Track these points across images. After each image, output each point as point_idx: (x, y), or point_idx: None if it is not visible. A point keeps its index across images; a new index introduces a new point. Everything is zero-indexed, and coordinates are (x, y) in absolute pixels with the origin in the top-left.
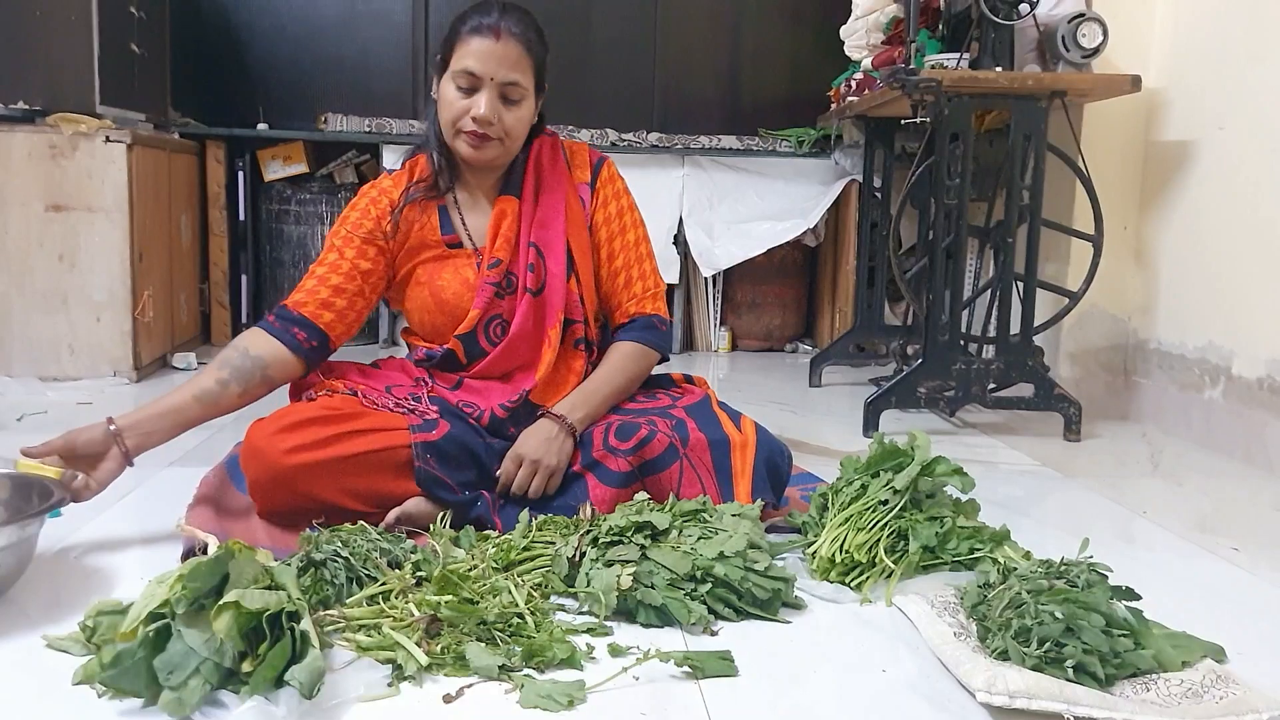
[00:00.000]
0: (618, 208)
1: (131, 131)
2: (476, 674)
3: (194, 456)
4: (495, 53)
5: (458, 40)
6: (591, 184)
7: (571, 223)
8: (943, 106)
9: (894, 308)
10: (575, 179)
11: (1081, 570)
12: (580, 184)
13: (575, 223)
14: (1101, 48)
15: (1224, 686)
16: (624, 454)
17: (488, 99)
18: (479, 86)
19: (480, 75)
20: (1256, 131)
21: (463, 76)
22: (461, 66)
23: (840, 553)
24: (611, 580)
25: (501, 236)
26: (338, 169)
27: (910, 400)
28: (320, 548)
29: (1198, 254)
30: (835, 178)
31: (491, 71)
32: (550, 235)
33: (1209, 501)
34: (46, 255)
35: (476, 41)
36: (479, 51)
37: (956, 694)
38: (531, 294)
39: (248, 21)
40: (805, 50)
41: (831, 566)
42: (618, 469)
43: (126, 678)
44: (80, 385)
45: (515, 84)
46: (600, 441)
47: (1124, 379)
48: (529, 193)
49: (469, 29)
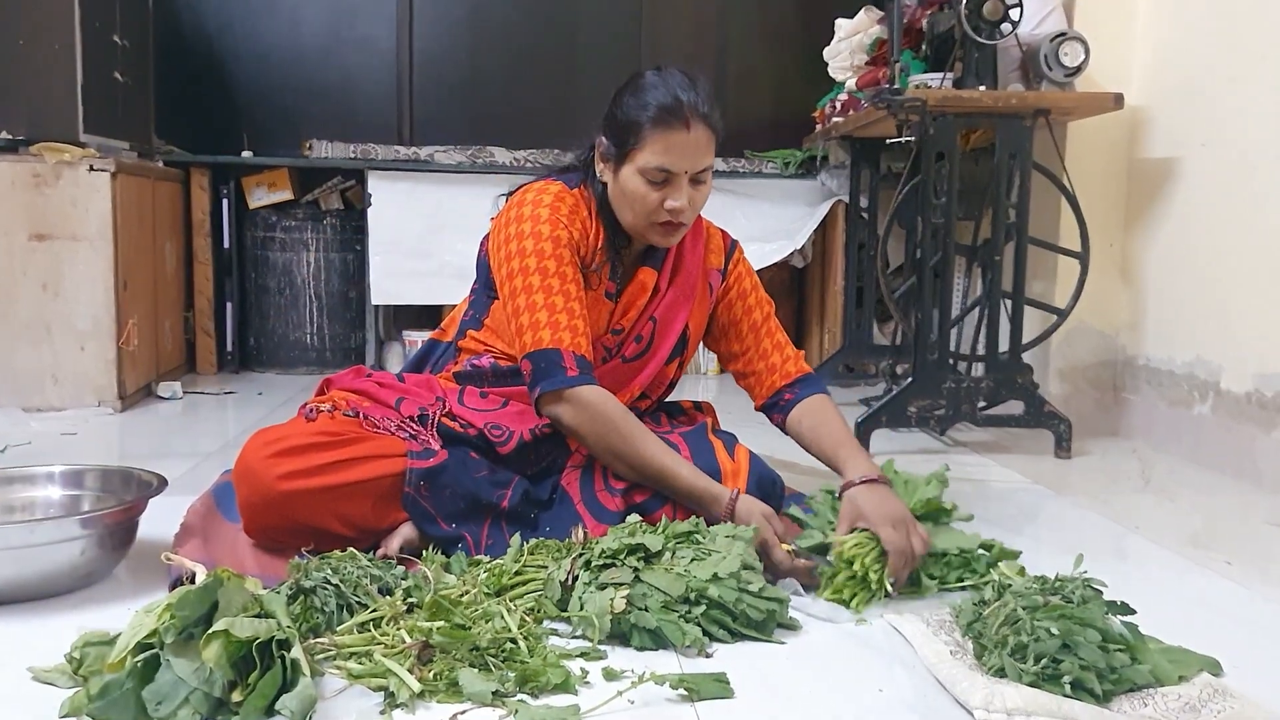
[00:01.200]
0: (752, 283)
1: (115, 160)
2: (470, 700)
3: (180, 485)
4: (689, 145)
5: (643, 134)
6: (723, 270)
7: (697, 307)
8: (928, 126)
9: (882, 328)
10: (708, 264)
11: (1077, 586)
12: (712, 269)
13: (700, 307)
14: (1084, 66)
15: (1221, 700)
16: (619, 493)
17: (685, 190)
18: (672, 180)
19: (677, 171)
20: (1239, 147)
21: (655, 172)
22: (656, 164)
23: (858, 565)
24: (605, 603)
25: (635, 307)
26: (323, 195)
27: (901, 420)
28: (310, 575)
29: (1184, 269)
30: (822, 199)
31: (687, 165)
32: (673, 317)
33: (1201, 516)
34: (30, 284)
35: (668, 138)
36: (674, 147)
37: (954, 712)
38: (624, 360)
39: (232, 49)
40: (790, 72)
41: (849, 571)
42: (614, 508)
43: (115, 709)
44: (64, 415)
45: (707, 168)
46: (601, 480)
47: (1113, 395)
48: (668, 269)
49: (654, 121)
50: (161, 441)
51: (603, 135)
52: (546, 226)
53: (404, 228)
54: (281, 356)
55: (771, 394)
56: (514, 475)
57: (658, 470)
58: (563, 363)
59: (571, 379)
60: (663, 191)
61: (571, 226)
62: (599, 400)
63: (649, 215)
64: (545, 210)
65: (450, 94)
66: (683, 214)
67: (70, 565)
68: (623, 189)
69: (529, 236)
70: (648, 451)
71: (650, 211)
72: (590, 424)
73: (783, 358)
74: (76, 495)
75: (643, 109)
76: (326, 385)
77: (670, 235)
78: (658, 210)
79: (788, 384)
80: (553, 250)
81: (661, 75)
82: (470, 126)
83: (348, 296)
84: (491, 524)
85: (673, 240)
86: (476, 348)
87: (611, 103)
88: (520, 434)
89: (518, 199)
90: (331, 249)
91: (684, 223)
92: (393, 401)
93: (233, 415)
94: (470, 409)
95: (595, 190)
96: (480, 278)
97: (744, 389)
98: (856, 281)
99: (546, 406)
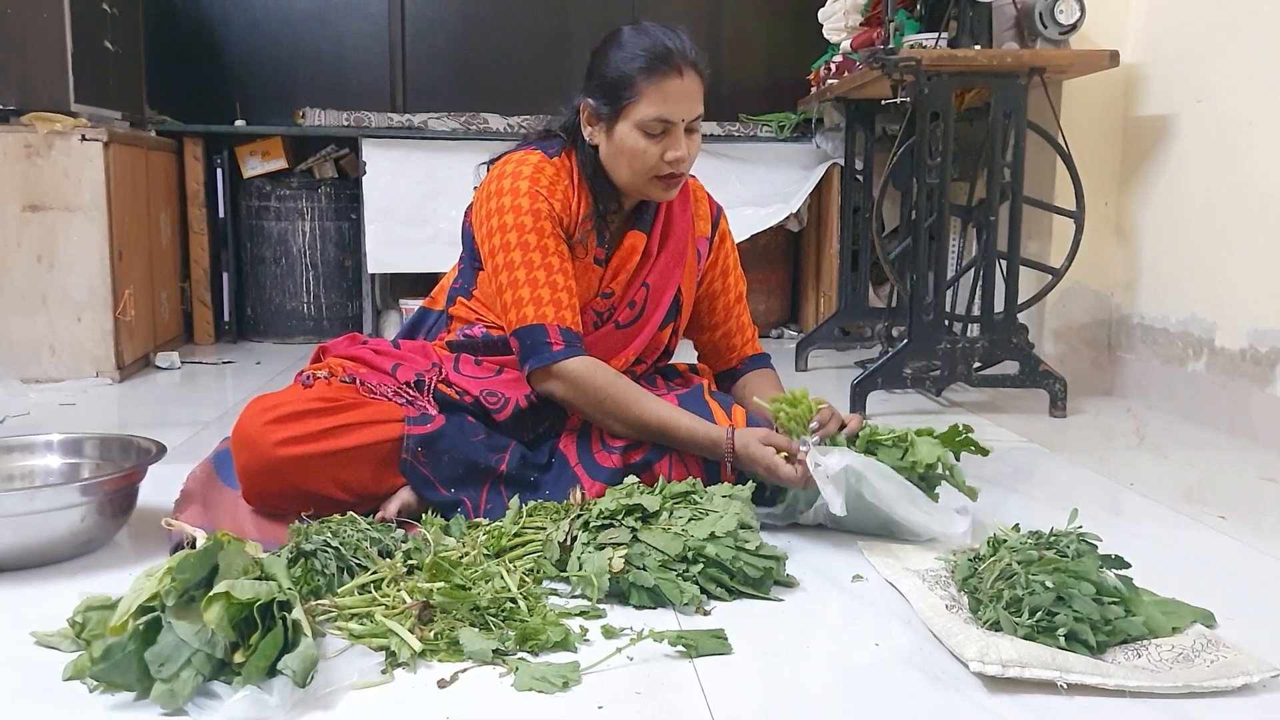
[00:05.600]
0: (733, 260)
1: (108, 129)
2: (470, 659)
3: (180, 453)
4: (684, 92)
5: (636, 86)
6: (710, 238)
7: (687, 273)
8: (922, 86)
9: (878, 290)
10: (697, 230)
11: (1071, 540)
12: (700, 237)
13: (689, 274)
14: (1079, 24)
15: (1215, 650)
16: (616, 450)
17: (683, 138)
18: (670, 129)
19: (675, 120)
20: (1234, 104)
21: (654, 123)
22: (654, 115)
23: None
24: (603, 563)
25: (625, 270)
26: (317, 164)
27: (896, 381)
28: (310, 538)
29: (1178, 228)
30: (817, 161)
31: (685, 113)
32: (666, 283)
33: (1195, 472)
34: (25, 255)
35: (664, 86)
36: (670, 95)
37: (950, 665)
38: (617, 326)
39: (222, 16)
40: (784, 34)
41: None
42: (609, 465)
43: (117, 671)
44: (62, 386)
45: (700, 115)
46: (598, 440)
47: (1108, 354)
48: (657, 232)
49: (646, 72)
50: (160, 411)
51: (589, 97)
52: (526, 200)
53: (399, 196)
54: (279, 326)
55: (724, 369)
56: (510, 440)
57: (658, 425)
58: (548, 338)
59: (558, 353)
60: (662, 143)
61: (552, 197)
62: (588, 371)
63: (650, 170)
64: (525, 183)
65: (443, 60)
66: (683, 164)
67: (71, 532)
68: (619, 147)
69: (509, 211)
70: (645, 410)
71: (651, 166)
72: (582, 395)
73: (743, 340)
74: (76, 463)
75: (632, 61)
76: (322, 353)
77: (672, 188)
78: (659, 164)
79: (741, 360)
80: (534, 224)
81: (640, 28)
82: (464, 92)
83: (344, 265)
84: (490, 488)
85: (674, 193)
86: (469, 315)
87: (593, 62)
88: (515, 401)
89: (497, 171)
90: (327, 218)
91: (684, 173)
92: (389, 368)
93: (231, 384)
94: (466, 376)
95: (582, 156)
96: (466, 249)
97: (699, 354)
98: (852, 244)
99: (537, 384)
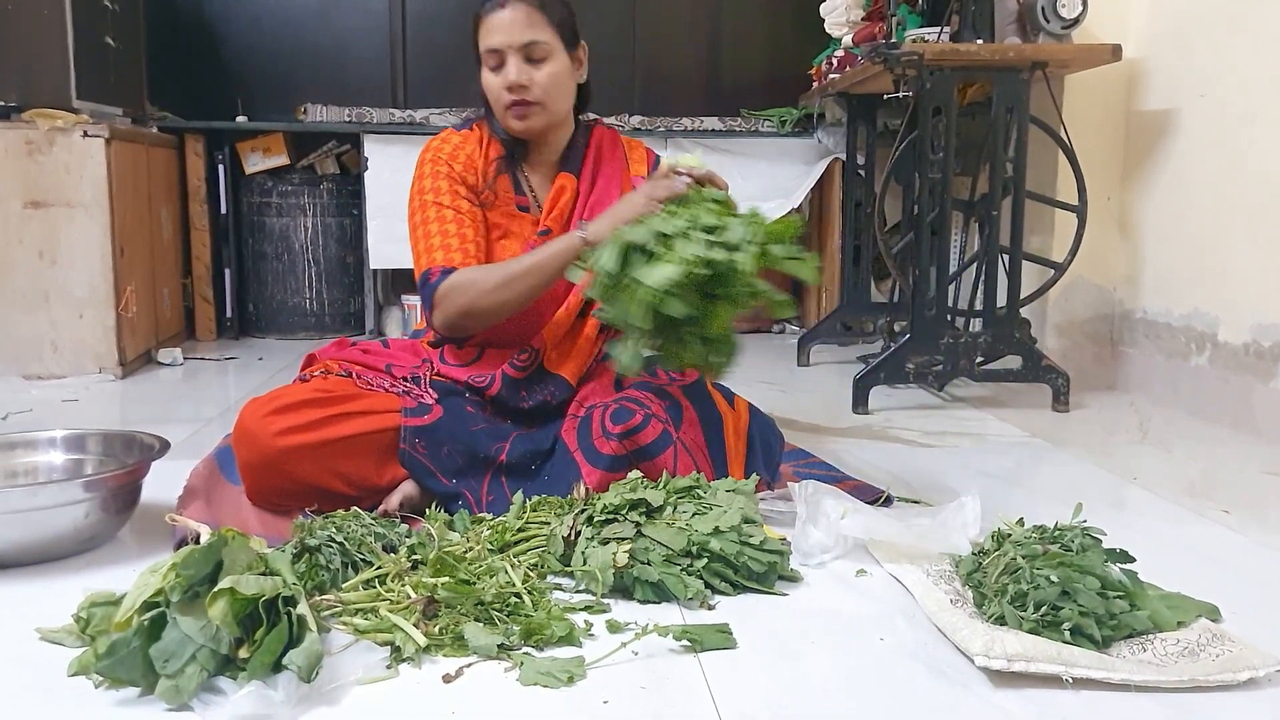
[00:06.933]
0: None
1: (109, 126)
2: (475, 653)
3: (183, 449)
4: (505, 21)
5: (477, 28)
6: (647, 177)
7: None
8: (924, 80)
9: (880, 285)
10: (632, 171)
11: (1075, 535)
12: (636, 176)
13: None
14: (1081, 18)
15: (1220, 645)
16: (615, 437)
17: (514, 65)
18: (504, 59)
19: (501, 48)
20: (1237, 98)
21: (489, 56)
22: (485, 47)
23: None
24: (608, 558)
25: (557, 208)
26: (319, 160)
27: (899, 376)
28: (314, 533)
29: (1181, 222)
30: (818, 157)
31: (507, 40)
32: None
33: (1198, 467)
34: (27, 252)
35: (488, 20)
36: (492, 27)
37: (955, 660)
38: None
39: (223, 13)
40: (785, 29)
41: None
42: (608, 451)
43: (122, 667)
44: (65, 383)
45: (534, 43)
46: (599, 427)
47: (1111, 349)
48: (587, 173)
49: (479, 16)
50: (163, 407)
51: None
52: (426, 171)
53: (401, 191)
54: (281, 322)
55: None
56: (512, 430)
57: (524, 271)
58: (430, 280)
59: (435, 283)
60: (501, 75)
61: (453, 161)
62: (456, 278)
63: (499, 102)
64: (427, 167)
65: (444, 55)
66: (526, 91)
67: (74, 528)
68: (484, 88)
69: (413, 190)
70: (508, 270)
71: (497, 98)
72: (461, 297)
73: None
74: (79, 459)
75: (476, 8)
76: (310, 360)
77: (525, 117)
78: (501, 93)
79: None
80: (430, 186)
81: None
82: (465, 88)
83: (345, 261)
84: (491, 479)
85: (528, 123)
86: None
87: None
88: (501, 372)
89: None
90: (328, 214)
91: (531, 100)
92: (382, 367)
93: (234, 380)
94: (452, 365)
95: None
96: None
97: None
98: (854, 239)
99: (435, 323)
